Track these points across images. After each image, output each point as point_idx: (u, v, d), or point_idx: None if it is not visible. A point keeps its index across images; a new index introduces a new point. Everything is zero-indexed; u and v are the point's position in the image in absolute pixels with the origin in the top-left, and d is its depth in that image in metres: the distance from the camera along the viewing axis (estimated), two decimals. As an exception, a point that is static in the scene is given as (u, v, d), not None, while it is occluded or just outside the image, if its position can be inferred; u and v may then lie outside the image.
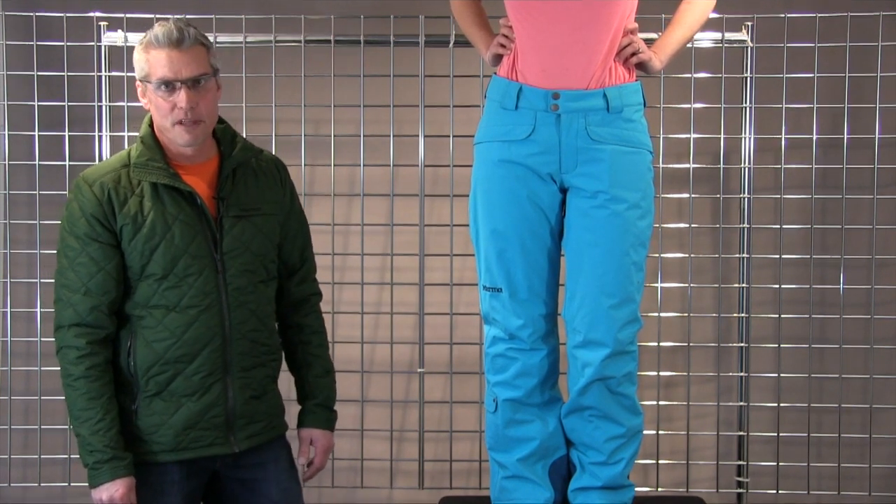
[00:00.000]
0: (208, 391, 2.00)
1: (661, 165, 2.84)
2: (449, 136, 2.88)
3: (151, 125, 2.02)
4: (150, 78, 1.94)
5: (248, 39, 2.85)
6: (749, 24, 2.81)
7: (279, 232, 2.11)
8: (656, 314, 2.90)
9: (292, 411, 2.23)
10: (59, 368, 1.97)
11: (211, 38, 2.08)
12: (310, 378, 2.20)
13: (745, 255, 2.89)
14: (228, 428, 2.03)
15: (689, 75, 2.86)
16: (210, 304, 1.98)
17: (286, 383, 2.21)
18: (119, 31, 2.83)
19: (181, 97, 1.93)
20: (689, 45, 2.52)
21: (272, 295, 2.12)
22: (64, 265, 1.96)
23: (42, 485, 2.95)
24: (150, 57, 1.94)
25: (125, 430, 1.98)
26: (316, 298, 2.25)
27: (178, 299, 1.96)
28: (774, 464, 2.95)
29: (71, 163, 2.90)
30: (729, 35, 2.81)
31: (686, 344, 2.95)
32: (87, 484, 1.93)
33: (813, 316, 2.94)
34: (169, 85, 1.93)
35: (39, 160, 2.90)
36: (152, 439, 1.99)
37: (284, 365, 2.21)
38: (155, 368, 1.97)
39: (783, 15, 2.81)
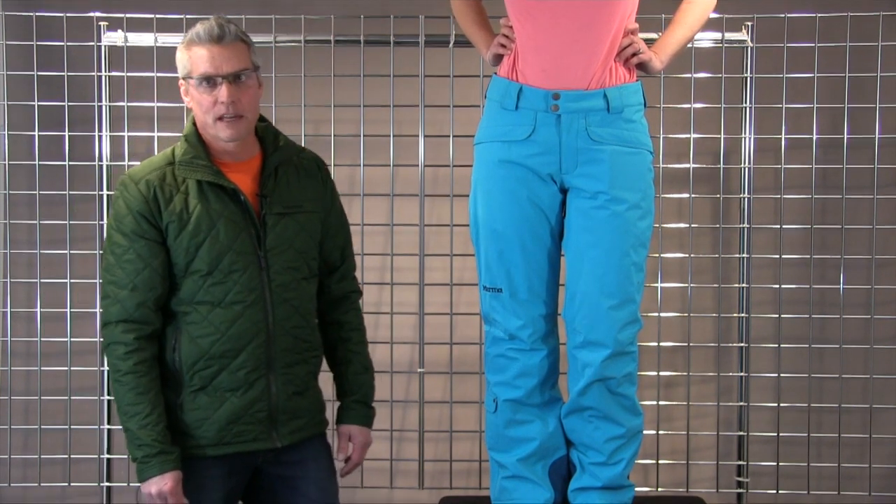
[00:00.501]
0: (252, 387, 2.01)
1: (661, 165, 2.83)
2: (449, 136, 2.88)
3: (195, 123, 2.03)
4: (191, 74, 1.97)
5: (248, 39, 2.85)
6: (749, 24, 2.81)
7: (321, 229, 2.13)
8: (656, 314, 2.90)
9: (331, 409, 2.24)
10: (58, 369, 1.97)
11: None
12: (349, 375, 2.22)
13: (745, 255, 2.89)
14: (271, 423, 2.04)
15: (690, 75, 2.86)
16: (254, 301, 2.00)
17: (324, 382, 2.22)
18: (119, 31, 2.83)
19: (222, 92, 1.95)
20: (689, 45, 2.51)
21: (314, 292, 2.14)
22: (111, 262, 1.98)
23: (42, 485, 2.94)
24: (191, 54, 1.96)
25: (170, 425, 1.99)
26: (356, 296, 2.26)
27: (222, 295, 1.98)
28: (774, 464, 2.95)
29: (71, 163, 2.90)
30: (729, 35, 2.81)
31: (686, 344, 2.95)
32: (87, 484, 1.94)
33: (813, 316, 2.94)
34: (210, 80, 1.95)
35: (39, 160, 2.90)
36: (196, 434, 2.00)
37: (323, 363, 2.22)
38: (200, 364, 1.99)
39: (783, 15, 2.81)
